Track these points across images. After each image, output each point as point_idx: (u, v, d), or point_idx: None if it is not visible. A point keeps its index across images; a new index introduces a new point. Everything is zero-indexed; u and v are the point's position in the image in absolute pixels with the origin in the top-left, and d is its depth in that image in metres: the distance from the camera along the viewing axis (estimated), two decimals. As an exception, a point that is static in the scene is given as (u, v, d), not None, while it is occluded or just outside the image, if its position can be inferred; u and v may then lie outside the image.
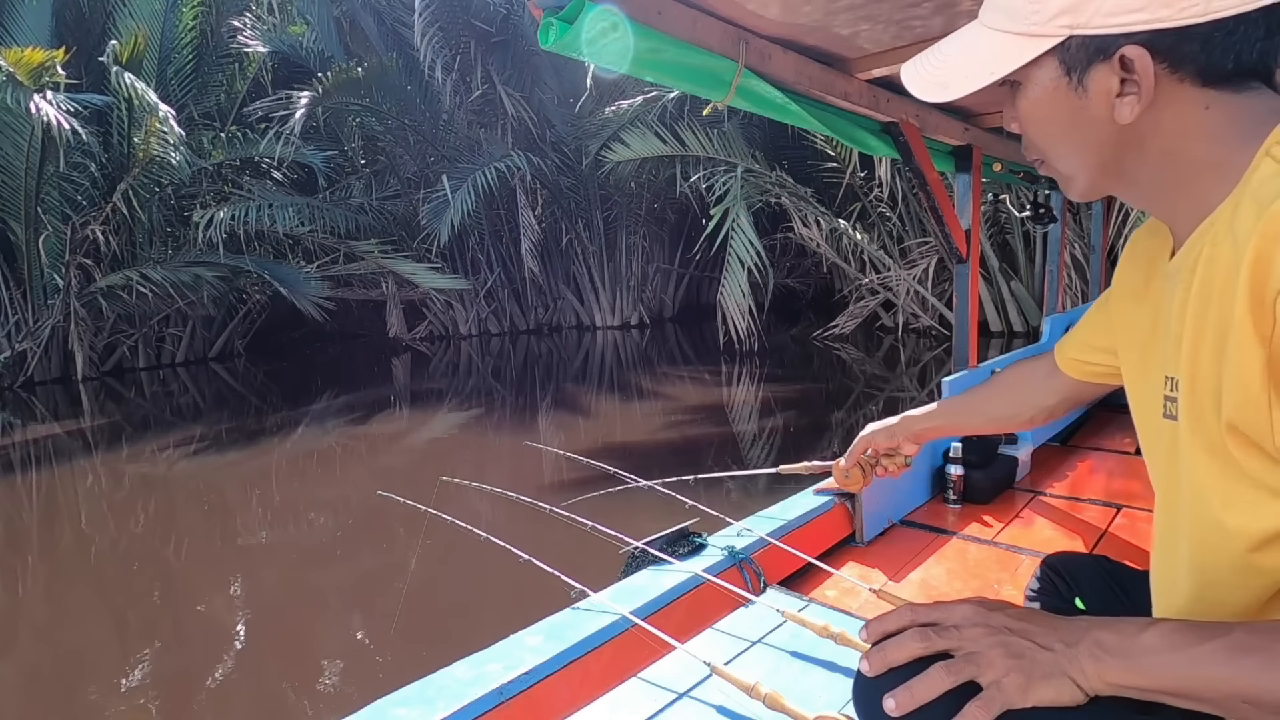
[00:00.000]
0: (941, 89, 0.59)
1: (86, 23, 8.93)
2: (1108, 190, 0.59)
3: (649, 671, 1.24)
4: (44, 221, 8.26)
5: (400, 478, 4.58)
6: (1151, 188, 0.56)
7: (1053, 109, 0.55)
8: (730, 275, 7.71)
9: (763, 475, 1.08)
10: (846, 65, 1.71)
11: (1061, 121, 0.55)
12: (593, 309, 11.96)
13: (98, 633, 2.72)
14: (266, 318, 10.94)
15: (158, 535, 3.90)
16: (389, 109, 10.01)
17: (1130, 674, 0.46)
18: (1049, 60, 0.53)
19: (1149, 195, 0.57)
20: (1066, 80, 0.53)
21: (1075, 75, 0.53)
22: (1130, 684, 0.46)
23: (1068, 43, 0.52)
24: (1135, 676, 0.46)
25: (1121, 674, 0.46)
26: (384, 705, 1.04)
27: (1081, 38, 0.51)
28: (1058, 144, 0.57)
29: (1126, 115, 0.51)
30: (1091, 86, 0.52)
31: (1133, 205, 0.64)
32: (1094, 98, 0.52)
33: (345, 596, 2.94)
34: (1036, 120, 0.57)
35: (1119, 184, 0.57)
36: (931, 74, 0.60)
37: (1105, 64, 0.51)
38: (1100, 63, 0.51)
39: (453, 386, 7.95)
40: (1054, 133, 0.57)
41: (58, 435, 6.04)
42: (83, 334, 8.57)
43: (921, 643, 0.52)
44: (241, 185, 9.73)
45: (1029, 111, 0.57)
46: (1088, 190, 0.59)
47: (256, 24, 9.71)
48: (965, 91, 0.57)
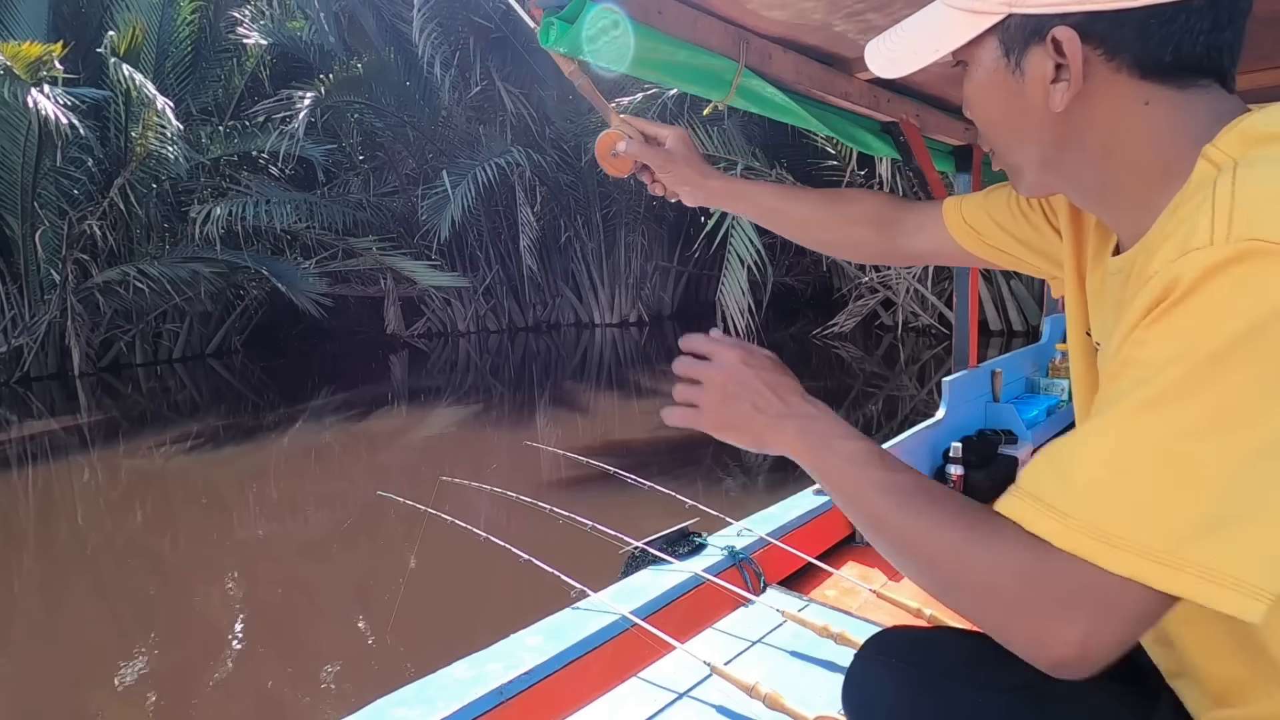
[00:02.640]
0: (893, 65, 0.58)
1: (84, 16, 8.89)
2: (1054, 187, 0.57)
3: (649, 671, 1.25)
4: (41, 216, 8.23)
5: (399, 476, 4.57)
6: (1094, 187, 0.54)
7: (994, 92, 0.54)
8: (730, 273, 7.71)
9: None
10: (847, 65, 1.71)
11: (1002, 106, 0.54)
12: (591, 306, 11.95)
13: (94, 630, 2.72)
14: (264, 314, 10.92)
15: (154, 532, 3.90)
16: (388, 105, 9.98)
17: (812, 463, 0.54)
18: (990, 40, 0.52)
19: (1092, 196, 0.55)
20: (1005, 62, 0.52)
21: (1013, 57, 0.51)
22: (809, 466, 0.54)
23: (1007, 21, 0.50)
24: (814, 466, 0.54)
25: (806, 459, 0.54)
26: (384, 705, 1.04)
27: (1020, 16, 0.50)
28: (1001, 131, 0.56)
29: (1058, 102, 0.49)
30: (1028, 70, 0.50)
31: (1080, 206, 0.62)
32: (1030, 82, 0.51)
33: (344, 595, 2.94)
34: (981, 104, 0.56)
35: (1063, 181, 0.56)
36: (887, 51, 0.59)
37: (1040, 46, 0.49)
38: (1036, 44, 0.49)
39: (451, 384, 7.94)
40: (996, 119, 0.55)
41: (54, 431, 6.03)
42: (79, 329, 8.54)
43: (683, 387, 0.60)
44: (239, 181, 9.70)
45: (973, 94, 0.56)
46: (1034, 185, 0.57)
47: (255, 18, 9.66)
48: (913, 68, 0.57)
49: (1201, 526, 0.38)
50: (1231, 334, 0.37)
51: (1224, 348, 0.37)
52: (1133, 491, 0.39)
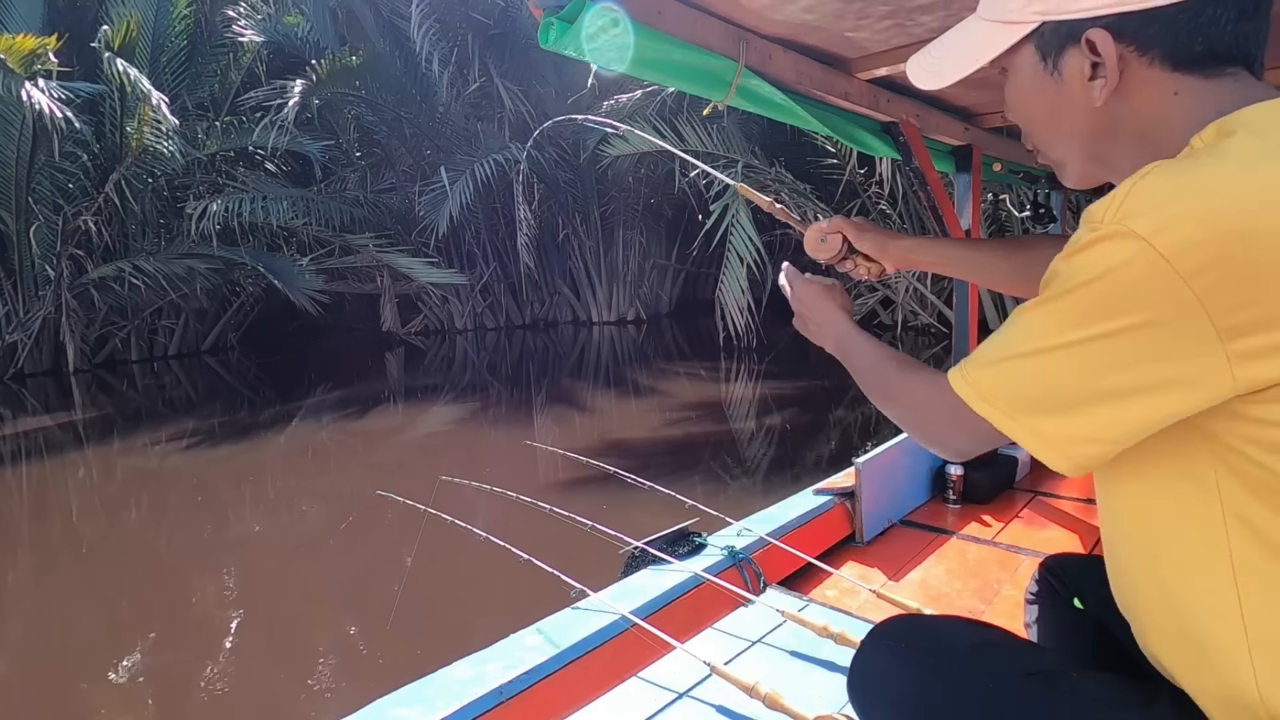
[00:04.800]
0: (935, 77, 0.64)
1: (79, 9, 8.83)
2: (1099, 177, 0.61)
3: (649, 671, 1.25)
4: (35, 211, 8.19)
5: (397, 475, 4.56)
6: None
7: (1035, 95, 0.58)
8: (730, 271, 7.71)
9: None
10: (847, 65, 1.71)
11: (1044, 107, 0.58)
12: (589, 304, 11.93)
13: (89, 629, 2.70)
14: (260, 311, 10.88)
15: (150, 530, 3.89)
16: (385, 101, 9.94)
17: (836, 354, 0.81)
18: (1027, 46, 0.57)
19: None
20: (1043, 66, 0.56)
21: (1050, 60, 0.56)
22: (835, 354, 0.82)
23: (1041, 29, 0.55)
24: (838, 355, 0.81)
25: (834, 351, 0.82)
26: (383, 705, 1.04)
27: (1053, 23, 0.54)
28: (1044, 129, 0.61)
29: (1097, 98, 0.54)
30: (1065, 71, 0.55)
31: None
32: (1068, 82, 0.55)
33: (343, 594, 2.93)
34: (1022, 106, 0.61)
35: (1106, 170, 0.60)
36: (930, 64, 0.65)
37: (1075, 48, 0.54)
38: (1071, 47, 0.54)
39: (448, 381, 7.93)
40: (1038, 118, 0.60)
41: (48, 428, 6.00)
42: (74, 326, 8.50)
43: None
44: (235, 177, 9.65)
45: (1015, 99, 0.61)
46: (1079, 177, 0.62)
47: (251, 13, 9.61)
48: (955, 78, 0.63)
49: (1031, 400, 0.51)
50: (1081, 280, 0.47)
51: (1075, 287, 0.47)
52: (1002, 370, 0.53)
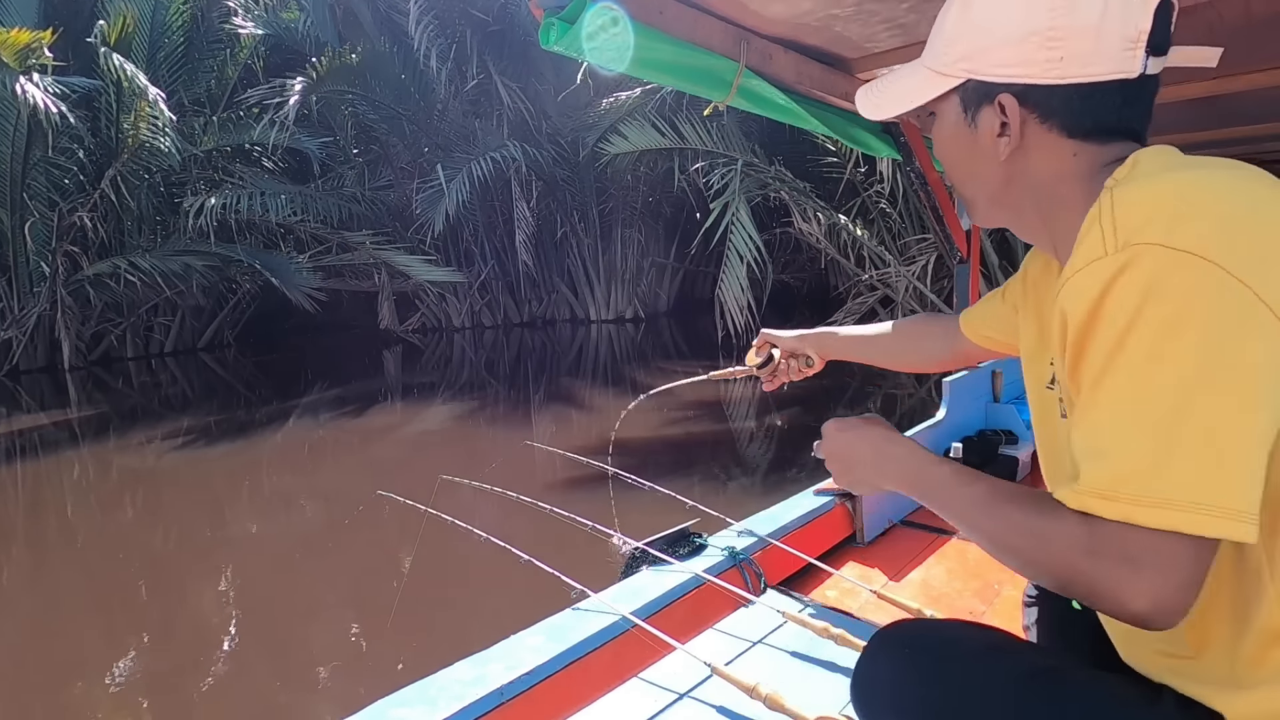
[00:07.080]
0: (877, 109, 0.72)
1: (75, 4, 8.79)
2: (1001, 220, 0.68)
3: (649, 672, 1.24)
4: (30, 207, 8.15)
5: (395, 474, 4.56)
6: (1032, 221, 0.65)
7: (954, 140, 0.66)
8: (729, 270, 7.70)
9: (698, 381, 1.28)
10: (847, 65, 1.71)
11: (960, 152, 0.66)
12: (587, 302, 11.93)
13: (86, 628, 2.70)
14: (257, 308, 10.85)
15: (146, 528, 3.87)
16: (383, 97, 9.91)
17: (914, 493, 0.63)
18: (953, 98, 0.65)
19: (1031, 228, 0.67)
20: (964, 117, 0.64)
21: (970, 113, 0.64)
22: (913, 495, 0.64)
23: (966, 84, 0.63)
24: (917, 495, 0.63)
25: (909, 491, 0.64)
26: (384, 706, 1.03)
27: (976, 82, 0.62)
28: (959, 170, 0.68)
29: (1002, 152, 0.62)
30: (980, 124, 0.63)
31: (1020, 237, 0.73)
32: (982, 134, 0.63)
33: (343, 594, 2.93)
34: (944, 147, 0.68)
35: (1007, 214, 0.67)
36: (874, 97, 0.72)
37: (990, 107, 0.61)
38: (987, 105, 0.62)
39: (446, 379, 7.92)
40: (956, 160, 0.68)
41: (44, 425, 5.98)
42: (70, 322, 8.47)
43: None
44: (233, 173, 9.62)
45: (939, 139, 0.69)
46: (984, 216, 0.69)
47: (248, 8, 9.57)
48: (892, 114, 0.70)
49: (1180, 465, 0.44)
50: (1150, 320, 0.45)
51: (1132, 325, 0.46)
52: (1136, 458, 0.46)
